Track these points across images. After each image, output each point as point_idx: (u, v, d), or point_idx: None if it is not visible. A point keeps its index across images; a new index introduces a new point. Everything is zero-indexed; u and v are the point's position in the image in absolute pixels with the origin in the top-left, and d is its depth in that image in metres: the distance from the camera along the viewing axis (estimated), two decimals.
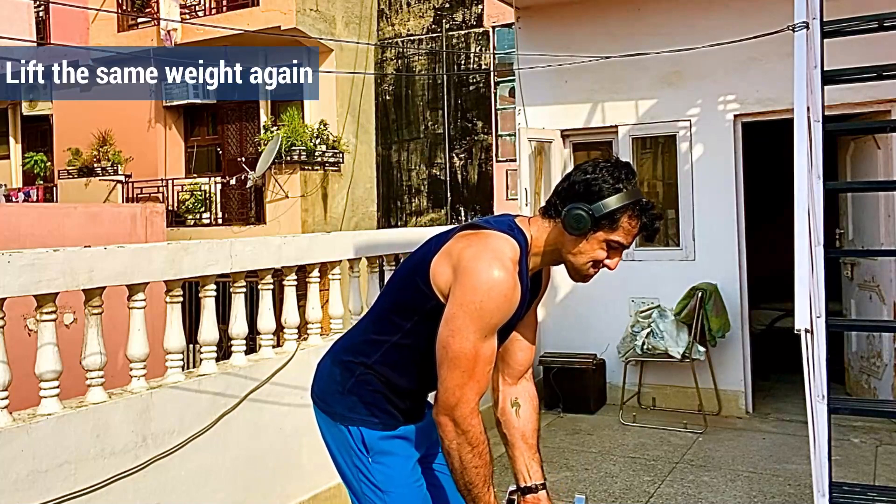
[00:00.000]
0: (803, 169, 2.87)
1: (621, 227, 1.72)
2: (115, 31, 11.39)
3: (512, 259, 1.71)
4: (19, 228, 6.94)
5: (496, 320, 1.68)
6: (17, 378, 2.57)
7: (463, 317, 1.66)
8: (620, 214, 1.70)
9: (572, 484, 4.21)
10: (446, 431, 1.69)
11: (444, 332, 1.68)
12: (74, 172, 11.72)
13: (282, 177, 9.96)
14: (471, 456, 1.69)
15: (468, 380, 1.66)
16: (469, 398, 1.67)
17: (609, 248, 1.75)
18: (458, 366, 1.66)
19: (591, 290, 5.99)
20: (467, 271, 1.67)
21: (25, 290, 2.55)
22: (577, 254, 1.75)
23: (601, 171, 1.73)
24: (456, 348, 1.66)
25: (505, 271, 1.67)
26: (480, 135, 10.09)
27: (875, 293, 5.42)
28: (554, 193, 1.80)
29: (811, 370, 2.63)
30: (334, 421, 1.88)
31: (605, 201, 1.69)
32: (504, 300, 1.67)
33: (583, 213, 1.70)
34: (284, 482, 3.52)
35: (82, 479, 2.62)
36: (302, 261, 3.77)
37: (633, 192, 1.72)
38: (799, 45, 3.08)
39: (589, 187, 1.71)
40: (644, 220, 1.74)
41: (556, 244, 1.78)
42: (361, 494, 1.85)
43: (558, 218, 1.75)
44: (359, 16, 10.87)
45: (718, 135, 5.56)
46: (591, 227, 1.70)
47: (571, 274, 1.81)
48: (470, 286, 1.66)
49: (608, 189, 1.70)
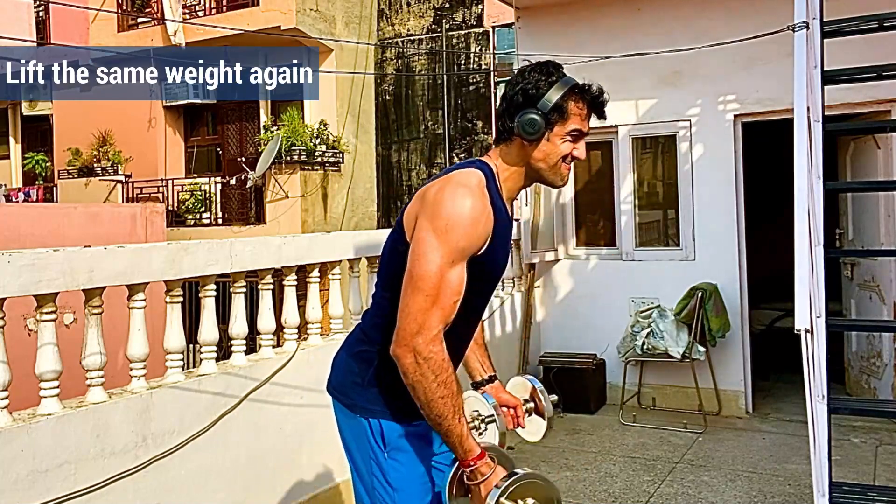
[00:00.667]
0: (803, 169, 2.87)
1: (572, 115, 1.74)
2: (115, 31, 11.40)
3: (479, 185, 1.71)
4: (19, 228, 6.94)
5: (464, 244, 1.65)
6: (17, 378, 2.57)
7: (428, 240, 1.64)
8: (565, 102, 1.73)
9: (572, 484, 4.21)
10: (406, 364, 1.63)
11: (410, 260, 1.66)
12: (74, 172, 11.73)
13: (282, 177, 9.96)
14: (435, 386, 1.62)
15: (431, 305, 1.62)
16: (431, 325, 1.62)
17: (571, 139, 1.77)
18: (421, 289, 1.63)
19: (591, 290, 6.03)
20: (432, 201, 1.68)
21: (25, 290, 2.55)
22: (544, 158, 1.77)
23: (529, 74, 1.77)
24: (419, 271, 1.64)
25: (471, 195, 1.67)
26: (480, 135, 10.10)
27: (875, 293, 5.42)
28: (498, 119, 1.82)
29: (811, 370, 2.63)
30: (354, 413, 1.83)
31: (547, 96, 1.72)
32: (471, 223, 1.65)
33: (533, 115, 1.72)
34: (284, 482, 3.52)
35: (82, 479, 2.62)
36: (302, 261, 3.77)
37: (567, 79, 1.77)
38: (799, 45, 3.08)
39: (527, 93, 1.74)
40: (589, 98, 1.77)
41: (521, 160, 1.79)
42: (371, 489, 1.82)
43: (512, 135, 1.77)
44: (359, 16, 10.88)
45: (718, 135, 5.56)
46: (546, 127, 1.73)
47: (549, 179, 1.81)
48: (434, 211, 1.66)
49: (544, 84, 1.74)
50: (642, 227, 5.99)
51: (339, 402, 1.88)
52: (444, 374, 1.63)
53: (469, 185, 1.70)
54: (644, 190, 6.03)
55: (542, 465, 4.53)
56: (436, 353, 1.63)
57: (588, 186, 6.27)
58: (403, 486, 1.79)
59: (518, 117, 1.74)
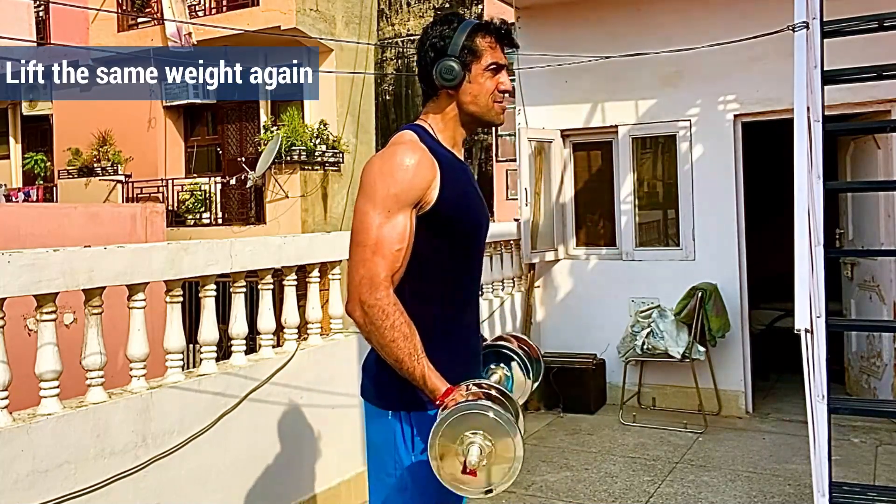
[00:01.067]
0: (803, 169, 2.87)
1: (483, 50, 1.80)
2: (115, 31, 11.40)
3: (409, 140, 1.76)
4: (19, 228, 6.94)
5: (395, 190, 1.67)
6: (17, 378, 2.57)
7: (362, 199, 1.70)
8: (472, 41, 1.79)
9: (572, 484, 4.21)
10: (357, 318, 1.66)
11: (353, 224, 1.72)
12: (74, 172, 11.73)
13: (282, 177, 9.96)
14: (385, 331, 1.62)
15: (371, 255, 1.65)
16: (374, 273, 1.64)
17: (491, 73, 1.81)
18: (358, 243, 1.67)
19: (591, 290, 6.03)
20: (364, 170, 1.75)
21: (25, 290, 2.55)
22: (474, 99, 1.81)
23: (432, 27, 1.84)
24: (355, 227, 1.69)
25: (399, 149, 1.72)
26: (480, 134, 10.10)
27: (875, 293, 5.42)
28: (419, 80, 1.88)
29: (811, 370, 2.63)
30: (384, 409, 1.80)
31: (454, 40, 1.78)
32: (400, 169, 1.68)
33: (448, 62, 1.78)
34: (284, 482, 3.52)
35: (82, 479, 2.62)
36: (302, 261, 3.77)
37: (467, 21, 1.83)
38: (799, 45, 3.08)
39: (435, 46, 1.80)
40: (493, 29, 1.82)
41: (453, 108, 1.83)
42: (396, 490, 1.78)
43: (437, 90, 1.82)
44: (359, 16, 10.88)
45: (718, 135, 5.56)
46: (463, 69, 1.78)
47: (486, 118, 1.84)
48: (365, 173, 1.73)
49: (448, 32, 1.80)
50: (642, 227, 5.99)
51: (373, 403, 1.83)
52: (393, 318, 1.63)
53: (398, 143, 1.76)
54: (644, 190, 6.03)
55: (542, 464, 4.53)
56: (380, 299, 1.63)
57: (588, 186, 6.27)
58: (425, 487, 1.74)
59: (435, 69, 1.79)
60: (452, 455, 1.53)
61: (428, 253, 1.73)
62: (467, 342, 1.85)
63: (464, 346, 1.84)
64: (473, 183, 1.89)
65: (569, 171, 6.25)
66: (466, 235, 1.81)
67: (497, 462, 1.53)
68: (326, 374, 3.79)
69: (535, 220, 5.91)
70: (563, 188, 6.20)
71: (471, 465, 1.51)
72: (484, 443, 1.51)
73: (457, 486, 1.55)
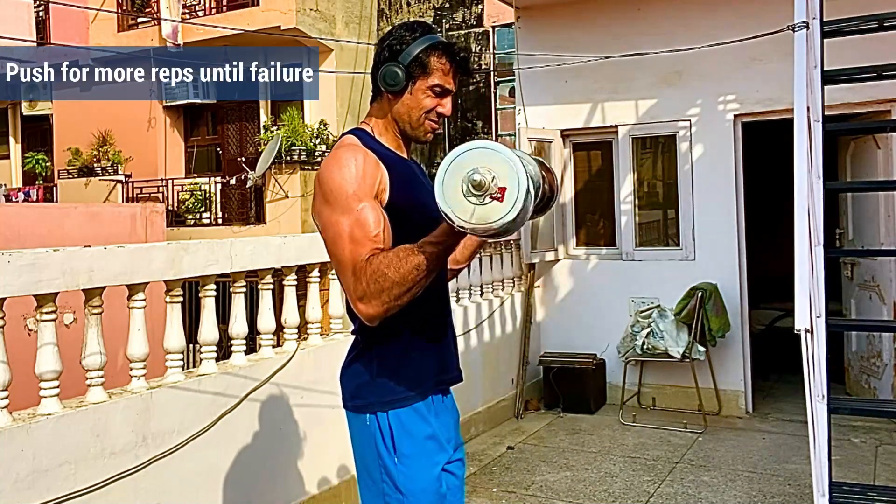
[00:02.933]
0: (803, 169, 2.87)
1: (434, 70, 1.77)
2: (115, 31, 11.39)
3: (350, 143, 1.76)
4: (19, 228, 6.94)
5: (352, 188, 1.67)
6: (17, 378, 2.57)
7: (324, 210, 1.70)
8: (427, 56, 1.76)
9: (572, 484, 4.21)
10: (370, 313, 1.62)
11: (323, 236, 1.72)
12: (74, 172, 11.72)
13: (282, 177, 9.96)
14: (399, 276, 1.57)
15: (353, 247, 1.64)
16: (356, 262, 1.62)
17: (435, 94, 1.79)
18: (338, 251, 1.67)
19: (591, 290, 6.03)
20: (316, 181, 1.75)
21: (25, 290, 2.55)
22: (407, 111, 1.80)
23: (397, 30, 1.82)
24: (331, 237, 1.69)
25: (343, 152, 1.72)
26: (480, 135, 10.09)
27: (875, 293, 5.42)
28: (370, 74, 1.86)
29: (811, 370, 2.63)
30: (366, 413, 1.78)
31: (408, 49, 1.76)
32: (350, 168, 1.68)
33: (394, 68, 1.76)
34: (284, 482, 3.52)
35: (82, 479, 2.62)
36: (302, 261, 3.77)
37: (432, 35, 1.80)
38: (799, 45, 3.08)
39: (392, 48, 1.78)
40: (450, 53, 1.79)
41: (391, 115, 1.83)
42: (382, 495, 1.78)
43: (381, 91, 1.81)
44: (359, 16, 10.88)
45: (718, 135, 5.56)
46: (407, 80, 1.76)
47: (411, 134, 1.83)
48: (318, 183, 1.73)
49: (408, 39, 1.78)
50: (642, 227, 5.99)
51: (352, 409, 1.83)
52: (394, 261, 1.59)
53: (340, 146, 1.77)
54: (644, 190, 6.03)
55: (542, 464, 4.53)
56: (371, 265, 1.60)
57: (588, 186, 6.27)
58: (414, 492, 1.75)
59: (381, 70, 1.79)
60: (461, 196, 1.48)
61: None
62: (444, 326, 1.88)
63: (441, 330, 1.87)
64: (423, 177, 1.89)
65: (569, 171, 6.25)
66: (424, 226, 1.74)
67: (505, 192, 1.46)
68: (326, 374, 3.79)
69: (535, 220, 5.91)
70: (562, 188, 6.20)
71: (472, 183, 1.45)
72: (486, 175, 1.46)
73: (474, 223, 1.48)
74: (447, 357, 1.88)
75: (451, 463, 1.85)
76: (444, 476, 1.80)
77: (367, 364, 1.80)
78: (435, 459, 1.79)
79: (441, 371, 1.85)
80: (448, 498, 1.81)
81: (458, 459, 1.89)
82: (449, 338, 1.90)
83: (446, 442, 1.83)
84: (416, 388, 1.78)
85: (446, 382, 1.88)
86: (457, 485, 1.87)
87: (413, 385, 1.77)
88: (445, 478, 1.81)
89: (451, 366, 1.89)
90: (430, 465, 1.78)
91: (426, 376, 1.80)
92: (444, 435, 1.83)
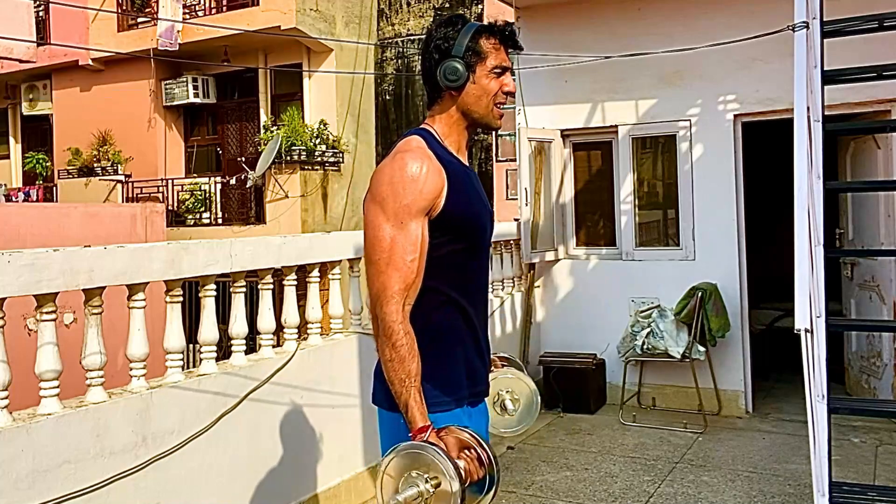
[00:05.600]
0: (803, 169, 2.87)
1: (488, 52, 1.80)
2: (115, 31, 11.39)
3: (417, 146, 1.75)
4: (19, 228, 6.93)
5: (407, 200, 1.67)
6: (17, 378, 2.57)
7: (372, 210, 1.70)
8: (477, 42, 1.79)
9: (572, 484, 4.21)
10: (374, 325, 1.69)
11: (364, 233, 1.73)
12: (74, 172, 11.72)
13: (282, 177, 9.95)
14: (387, 349, 1.64)
15: (386, 267, 1.66)
16: (389, 286, 1.65)
17: (496, 75, 1.82)
18: (375, 254, 1.68)
19: (591, 290, 6.03)
20: (373, 179, 1.75)
21: (25, 289, 2.55)
22: (476, 100, 1.81)
23: (436, 30, 1.83)
24: (369, 240, 1.69)
25: (408, 157, 1.71)
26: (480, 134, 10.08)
27: (875, 293, 5.42)
28: (424, 81, 1.88)
29: (811, 370, 2.63)
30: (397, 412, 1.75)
31: (458, 42, 1.78)
32: (410, 179, 1.68)
33: (452, 63, 1.78)
34: (284, 482, 3.52)
35: (82, 478, 2.62)
36: (302, 261, 3.77)
37: (472, 23, 1.83)
38: (799, 45, 3.08)
39: (440, 48, 1.80)
40: (498, 32, 1.82)
41: (458, 110, 1.84)
42: None
43: (441, 91, 1.82)
44: (359, 16, 10.87)
45: (718, 135, 5.56)
46: (467, 70, 1.79)
47: (485, 121, 1.85)
48: (375, 185, 1.73)
49: (452, 34, 1.80)
50: (642, 227, 5.99)
51: (384, 407, 1.82)
52: (395, 338, 1.63)
53: (406, 150, 1.75)
54: (644, 190, 6.03)
55: (542, 464, 4.53)
56: (388, 314, 1.64)
57: (588, 186, 6.27)
58: None
59: (439, 70, 1.79)
60: (391, 489, 1.55)
61: (438, 255, 1.74)
62: (478, 339, 1.88)
63: (475, 343, 1.87)
64: (478, 186, 1.89)
65: (569, 171, 6.25)
66: (473, 237, 1.82)
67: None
68: (326, 374, 3.79)
69: (535, 220, 5.91)
70: (562, 188, 6.20)
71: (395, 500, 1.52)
72: (425, 487, 1.52)
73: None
74: (481, 369, 1.89)
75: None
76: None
77: None
78: None
79: (474, 383, 1.86)
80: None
81: None
82: (483, 351, 1.91)
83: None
84: (452, 395, 1.78)
85: (479, 395, 1.89)
86: None
87: (448, 392, 1.78)
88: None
89: (483, 378, 1.91)
90: None
91: (460, 385, 1.81)
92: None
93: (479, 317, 1.89)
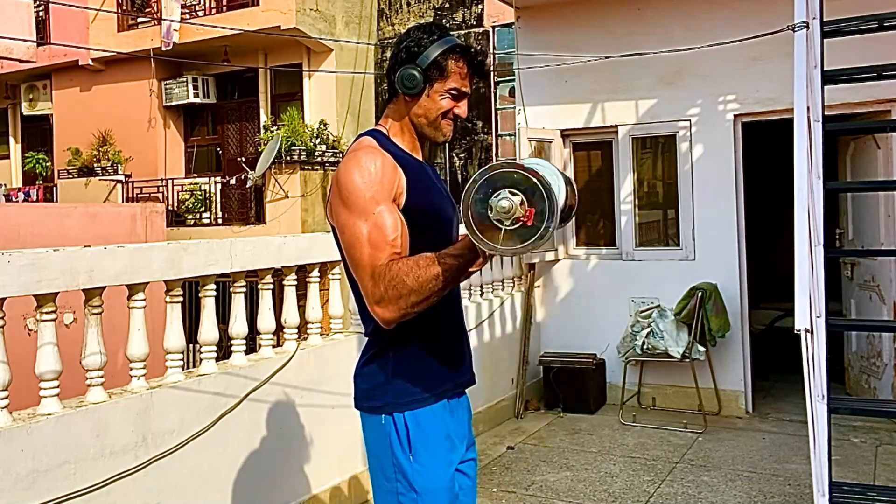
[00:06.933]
0: (803, 169, 2.87)
1: (451, 73, 1.78)
2: (115, 31, 11.39)
3: (368, 146, 1.76)
4: (19, 228, 6.93)
5: (371, 192, 1.67)
6: (17, 378, 2.57)
7: (342, 213, 1.70)
8: (444, 59, 1.77)
9: (572, 484, 4.21)
10: (388, 317, 1.63)
11: (340, 237, 1.72)
12: (74, 172, 11.71)
13: (282, 177, 9.95)
14: (418, 284, 1.58)
15: (372, 249, 1.65)
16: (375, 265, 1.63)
17: (452, 97, 1.80)
18: (357, 253, 1.67)
19: (591, 290, 6.03)
20: (334, 181, 1.75)
21: (25, 290, 2.55)
22: (424, 113, 1.81)
23: (413, 32, 1.81)
24: (349, 239, 1.69)
25: (363, 154, 1.72)
26: (480, 135, 10.09)
27: (875, 293, 5.42)
28: (385, 75, 1.87)
29: (811, 370, 2.63)
30: (381, 414, 1.79)
31: (426, 52, 1.76)
32: (369, 173, 1.68)
33: (412, 70, 1.76)
34: (284, 482, 3.52)
35: (82, 478, 2.62)
36: (302, 261, 3.77)
37: (449, 38, 1.80)
38: (799, 45, 3.08)
39: (409, 50, 1.78)
40: (468, 58, 1.80)
41: (405, 115, 1.83)
42: (395, 494, 1.78)
43: (397, 93, 1.82)
44: (359, 16, 10.87)
45: (718, 135, 5.56)
46: (425, 83, 1.77)
47: (430, 135, 1.83)
48: (338, 186, 1.72)
49: (426, 42, 1.78)
50: (642, 227, 5.99)
51: (367, 409, 1.83)
52: (413, 269, 1.60)
53: (358, 149, 1.76)
54: (644, 190, 6.03)
55: (542, 464, 4.53)
56: (391, 271, 1.61)
57: (588, 186, 6.27)
58: (428, 491, 1.76)
59: (398, 72, 1.78)
60: (489, 225, 1.49)
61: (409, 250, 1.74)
62: (456, 330, 1.89)
63: (454, 333, 1.88)
64: (437, 180, 1.90)
65: (569, 171, 6.25)
66: (439, 230, 1.81)
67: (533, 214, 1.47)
68: (326, 374, 3.79)
69: None
70: None
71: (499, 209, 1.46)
72: (514, 198, 1.47)
73: (497, 246, 1.51)
74: (462, 360, 1.90)
75: (464, 463, 1.87)
76: (457, 476, 1.82)
77: (384, 366, 1.81)
78: (449, 459, 1.81)
79: (457, 374, 1.87)
80: (461, 498, 1.82)
81: (471, 459, 1.91)
82: (464, 341, 1.92)
83: (459, 441, 1.85)
84: (434, 390, 1.79)
85: (462, 385, 1.89)
86: (469, 485, 1.88)
87: (430, 386, 1.79)
88: (458, 478, 1.82)
89: (466, 369, 1.91)
90: (445, 465, 1.79)
91: (443, 379, 1.82)
92: (458, 433, 1.85)
93: (456, 307, 1.89)
